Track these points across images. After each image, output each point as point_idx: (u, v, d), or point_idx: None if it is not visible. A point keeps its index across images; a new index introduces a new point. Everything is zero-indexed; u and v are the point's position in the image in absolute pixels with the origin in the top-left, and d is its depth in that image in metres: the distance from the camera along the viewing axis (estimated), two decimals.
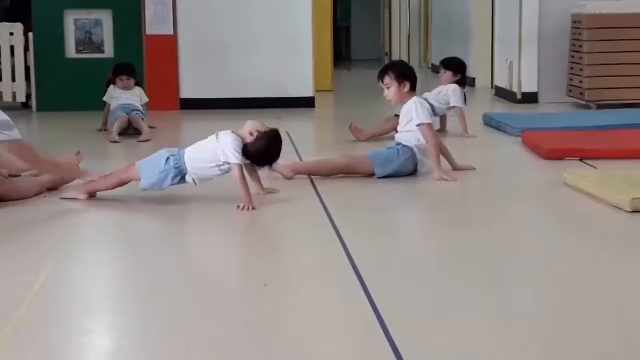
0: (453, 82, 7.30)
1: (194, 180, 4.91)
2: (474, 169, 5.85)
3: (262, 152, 4.87)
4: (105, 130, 7.46)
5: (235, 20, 9.21)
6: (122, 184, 5.04)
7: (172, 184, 4.91)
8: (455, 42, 12.31)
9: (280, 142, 4.96)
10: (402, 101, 5.70)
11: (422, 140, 5.61)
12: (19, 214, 4.76)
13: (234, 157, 4.80)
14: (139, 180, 4.94)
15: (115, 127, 7.25)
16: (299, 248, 4.22)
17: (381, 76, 5.73)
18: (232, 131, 4.88)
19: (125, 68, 7.65)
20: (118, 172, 5.10)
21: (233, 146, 4.80)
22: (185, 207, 4.90)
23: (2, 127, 4.75)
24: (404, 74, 5.70)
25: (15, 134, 4.81)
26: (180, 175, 4.90)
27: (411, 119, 5.61)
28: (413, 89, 5.72)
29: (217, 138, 4.87)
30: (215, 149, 4.85)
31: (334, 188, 5.35)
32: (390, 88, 5.68)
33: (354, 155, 5.82)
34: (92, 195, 5.05)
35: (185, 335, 3.05)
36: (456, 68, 7.40)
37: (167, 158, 4.89)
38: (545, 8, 9.18)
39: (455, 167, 5.80)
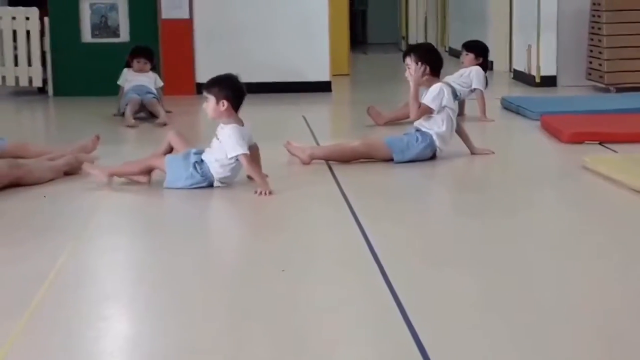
0: (475, 65, 7.25)
1: (222, 183, 4.89)
2: (492, 153, 5.79)
3: (230, 87, 4.84)
4: (121, 115, 7.42)
5: (251, 4, 9.16)
6: (147, 170, 5.01)
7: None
8: (472, 26, 12.22)
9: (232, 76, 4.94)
10: (422, 84, 5.65)
11: (443, 127, 5.55)
12: (35, 199, 4.74)
13: (239, 147, 4.77)
14: (163, 171, 4.92)
15: (128, 110, 7.22)
16: (317, 233, 4.19)
17: (404, 56, 5.71)
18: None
19: (143, 50, 7.63)
20: (145, 158, 5.08)
21: (233, 138, 4.78)
22: (203, 193, 4.86)
23: None
24: (426, 57, 5.64)
25: None
26: (208, 182, 4.87)
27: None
28: (436, 73, 5.66)
29: (217, 138, 4.85)
30: (220, 147, 4.82)
31: (351, 173, 5.31)
32: (410, 69, 5.64)
33: (372, 140, 5.77)
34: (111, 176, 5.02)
35: (203, 321, 3.02)
36: (479, 51, 7.34)
37: (195, 164, 4.86)
38: None
39: (473, 152, 5.75)
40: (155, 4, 8.99)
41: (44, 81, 9.07)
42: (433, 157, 5.62)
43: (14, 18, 8.97)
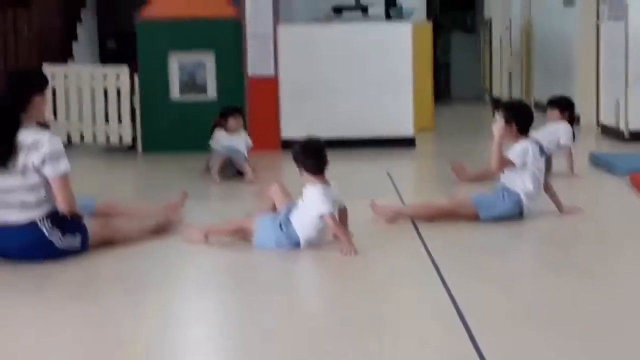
0: (562, 120, 7.17)
1: (308, 243, 4.91)
2: (581, 211, 5.69)
3: (308, 156, 4.85)
4: (208, 170, 7.50)
5: (335, 60, 9.24)
6: (240, 231, 5.06)
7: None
8: (558, 79, 12.10)
9: (314, 142, 4.94)
10: (509, 140, 5.61)
11: (530, 186, 5.50)
12: (127, 259, 4.81)
13: (323, 206, 4.78)
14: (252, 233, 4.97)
15: (214, 167, 7.31)
16: (403, 293, 4.16)
17: (494, 109, 5.71)
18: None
19: (233, 108, 7.77)
20: (238, 220, 5.14)
21: (317, 198, 4.80)
22: (289, 253, 4.87)
23: (51, 157, 4.62)
24: (515, 115, 5.61)
25: (60, 167, 4.67)
26: (294, 243, 4.90)
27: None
28: (523, 131, 5.62)
29: (302, 199, 4.87)
30: (305, 209, 4.84)
31: (437, 231, 5.28)
32: (497, 124, 5.61)
33: (457, 197, 5.73)
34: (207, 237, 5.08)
35: None
36: (564, 106, 7.26)
37: (280, 225, 4.89)
38: None
39: (562, 210, 5.67)
40: (241, 62, 9.13)
41: (134, 138, 9.26)
42: (520, 215, 5.55)
43: (105, 77, 9.21)
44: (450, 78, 16.76)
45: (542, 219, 5.56)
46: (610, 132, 9.52)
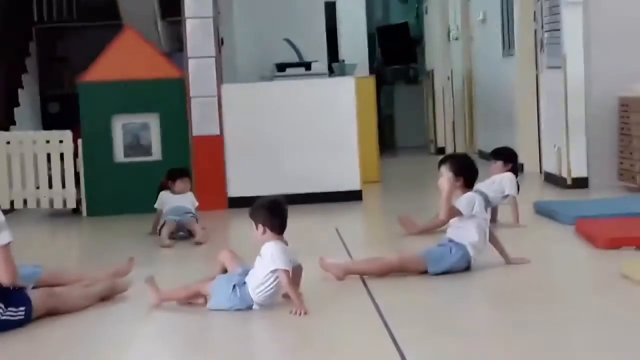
0: (505, 171, 7.25)
1: (260, 306, 4.88)
2: (528, 262, 5.74)
3: (274, 214, 4.84)
4: (157, 234, 7.43)
5: (280, 117, 9.27)
6: (195, 296, 5.00)
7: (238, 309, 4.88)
8: (500, 128, 12.27)
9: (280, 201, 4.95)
10: (454, 193, 5.65)
11: (476, 237, 5.53)
12: (73, 325, 4.73)
13: (280, 261, 4.77)
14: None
15: (164, 231, 7.25)
16: (353, 351, 4.13)
17: (440, 164, 5.74)
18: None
19: (180, 170, 7.72)
20: (195, 283, 5.07)
21: (274, 253, 4.79)
22: (242, 314, 4.83)
23: None
24: (460, 169, 5.66)
25: (1, 238, 4.58)
26: (246, 306, 4.86)
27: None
28: (468, 185, 5.66)
29: (260, 256, 4.86)
30: (262, 264, 4.82)
31: (386, 287, 5.28)
32: (443, 178, 5.65)
33: (407, 254, 5.74)
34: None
35: None
36: (507, 157, 7.35)
37: (234, 287, 4.85)
38: (591, 92, 9.10)
39: (508, 262, 5.70)
40: (186, 122, 9.12)
41: (78, 202, 9.17)
42: (467, 267, 5.58)
43: (48, 141, 9.13)
44: (394, 129, 16.90)
45: (490, 271, 5.59)
46: (553, 180, 9.65)
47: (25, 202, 9.14)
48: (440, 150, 14.29)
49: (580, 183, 9.16)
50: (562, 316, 4.63)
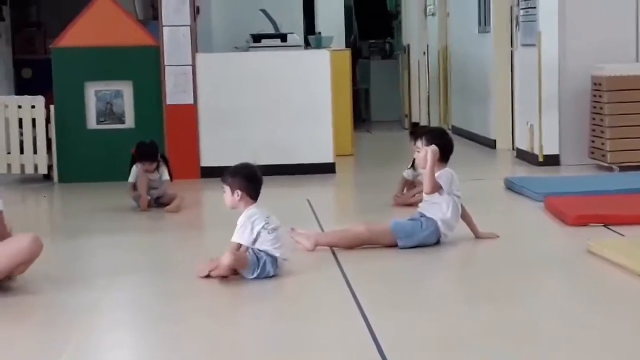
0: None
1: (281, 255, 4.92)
2: (497, 237, 5.78)
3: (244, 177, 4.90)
4: (134, 189, 7.35)
5: (254, 89, 9.24)
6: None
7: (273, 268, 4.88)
8: (474, 104, 12.31)
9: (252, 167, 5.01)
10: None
11: (448, 214, 5.56)
12: (36, 292, 4.73)
13: (237, 235, 4.85)
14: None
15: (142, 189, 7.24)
16: (320, 322, 4.17)
17: (415, 138, 5.72)
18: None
19: (147, 154, 7.39)
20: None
21: (240, 225, 4.86)
22: (201, 283, 4.85)
23: None
24: (439, 143, 5.65)
25: None
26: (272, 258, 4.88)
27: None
28: (444, 159, 5.67)
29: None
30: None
31: (355, 259, 5.31)
32: (420, 153, 5.65)
33: (377, 226, 5.75)
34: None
35: None
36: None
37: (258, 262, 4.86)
38: (565, 70, 9.16)
39: (478, 236, 5.75)
40: (160, 90, 9.08)
41: (49, 168, 9.12)
42: (437, 242, 5.61)
43: (19, 107, 9.06)
44: (370, 104, 16.91)
45: (458, 245, 5.64)
46: (525, 157, 9.71)
47: None
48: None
49: (552, 160, 9.22)
50: (527, 288, 4.69)
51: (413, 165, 7.07)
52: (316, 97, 9.29)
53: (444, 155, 5.68)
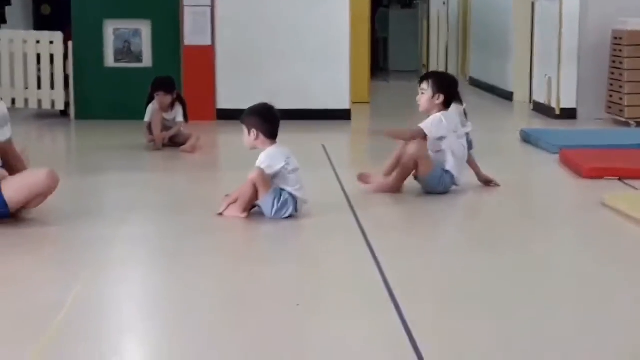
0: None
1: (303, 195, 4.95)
2: (498, 185, 5.77)
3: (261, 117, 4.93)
4: (151, 141, 7.37)
5: (273, 32, 9.21)
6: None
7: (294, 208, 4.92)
8: (493, 56, 12.23)
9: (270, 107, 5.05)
10: (430, 112, 5.63)
11: (452, 162, 5.52)
12: (49, 225, 4.78)
13: (259, 161, 4.87)
14: None
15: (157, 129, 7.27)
16: (332, 265, 4.20)
17: (421, 80, 5.69)
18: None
19: (163, 84, 7.44)
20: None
21: (263, 156, 4.90)
22: (216, 221, 4.89)
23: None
24: (443, 86, 5.63)
25: (4, 133, 4.67)
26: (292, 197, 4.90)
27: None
28: (446, 104, 5.64)
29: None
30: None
31: (369, 204, 5.33)
32: (424, 95, 5.62)
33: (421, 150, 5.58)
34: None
35: (217, 355, 3.03)
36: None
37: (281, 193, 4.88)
38: (586, 24, 9.09)
39: (480, 179, 5.76)
40: (178, 31, 9.05)
41: (66, 104, 9.14)
42: (448, 190, 5.61)
43: (38, 42, 9.07)
44: (388, 53, 16.82)
45: (472, 194, 5.65)
46: (542, 110, 9.67)
47: (13, 101, 9.11)
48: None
49: (569, 114, 9.18)
50: (539, 239, 4.70)
51: None
52: (334, 43, 9.25)
53: (448, 101, 5.63)
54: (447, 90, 5.63)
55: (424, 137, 5.54)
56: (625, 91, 8.64)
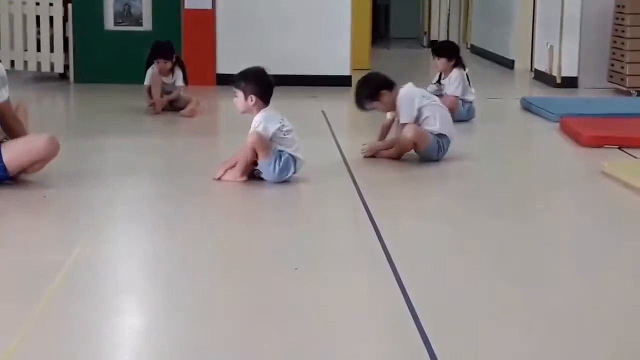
0: (451, 68, 7.09)
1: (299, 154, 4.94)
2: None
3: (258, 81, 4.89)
4: (151, 105, 7.33)
5: None
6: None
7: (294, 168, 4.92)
8: (495, 24, 12.18)
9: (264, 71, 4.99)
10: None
11: (437, 125, 5.53)
12: (50, 188, 4.78)
13: (254, 125, 4.84)
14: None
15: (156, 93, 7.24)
16: (331, 229, 4.20)
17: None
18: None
19: (162, 50, 7.36)
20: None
21: (257, 119, 4.87)
22: (215, 185, 4.89)
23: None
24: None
25: (2, 94, 4.66)
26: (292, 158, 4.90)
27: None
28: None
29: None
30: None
31: (367, 169, 5.33)
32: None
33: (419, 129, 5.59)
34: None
35: (215, 318, 3.04)
36: (450, 53, 7.14)
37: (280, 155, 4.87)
38: None
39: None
40: None
41: (66, 67, 9.11)
42: (440, 156, 5.60)
43: (37, 4, 9.01)
44: (389, 20, 16.74)
45: (472, 161, 5.65)
46: (543, 78, 9.64)
47: (12, 63, 9.08)
48: (433, 43, 14.19)
49: (570, 82, 9.16)
50: (538, 205, 4.71)
51: (439, 80, 7.08)
52: (336, 10, 9.21)
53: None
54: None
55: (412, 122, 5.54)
56: (627, 60, 8.60)
